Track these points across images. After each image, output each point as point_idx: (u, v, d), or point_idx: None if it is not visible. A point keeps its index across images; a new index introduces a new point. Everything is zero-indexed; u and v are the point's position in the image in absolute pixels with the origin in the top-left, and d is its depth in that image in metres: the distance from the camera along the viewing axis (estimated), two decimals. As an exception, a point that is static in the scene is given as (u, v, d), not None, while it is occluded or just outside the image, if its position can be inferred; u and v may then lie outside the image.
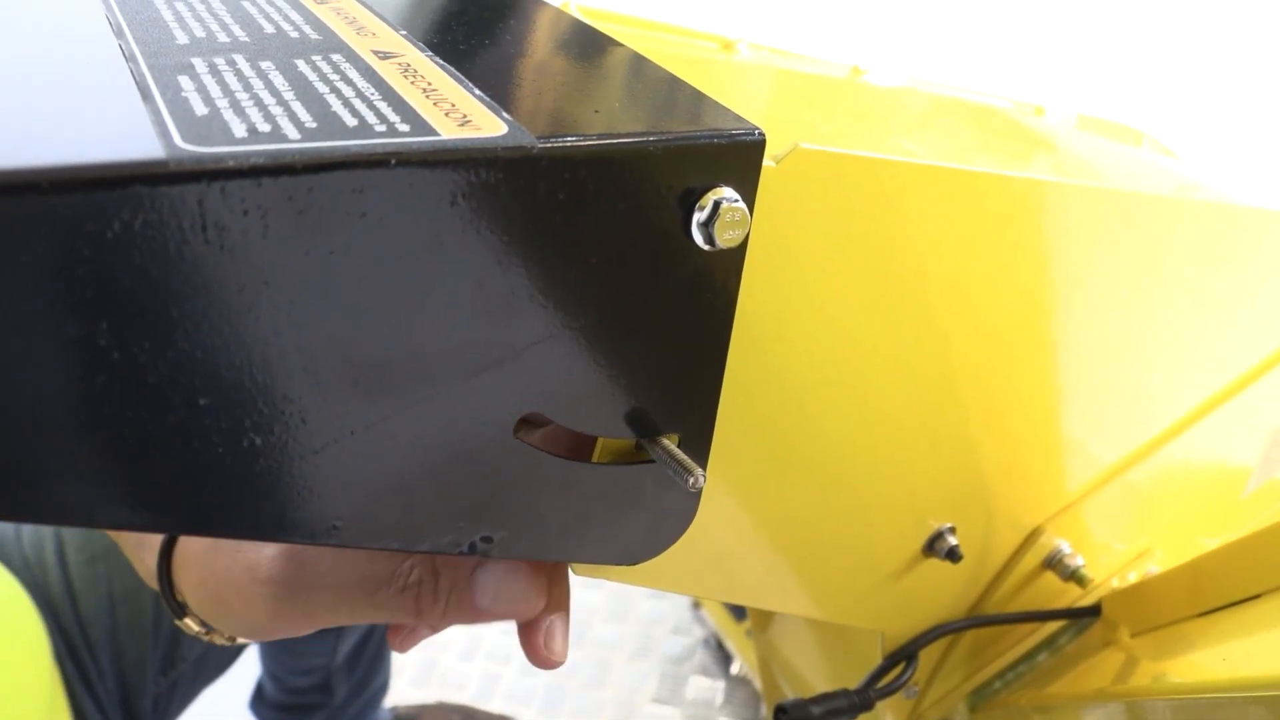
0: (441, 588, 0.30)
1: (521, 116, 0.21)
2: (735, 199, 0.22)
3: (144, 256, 0.17)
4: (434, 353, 0.21)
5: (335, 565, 0.30)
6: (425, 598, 0.30)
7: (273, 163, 0.17)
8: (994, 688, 0.49)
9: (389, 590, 0.30)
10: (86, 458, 0.18)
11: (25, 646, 0.53)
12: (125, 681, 0.60)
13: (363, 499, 0.22)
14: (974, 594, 0.45)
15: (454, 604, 0.30)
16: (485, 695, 1.05)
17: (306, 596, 0.31)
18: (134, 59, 0.21)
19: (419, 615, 0.30)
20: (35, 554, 0.57)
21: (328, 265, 0.19)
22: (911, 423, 0.35)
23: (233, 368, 0.19)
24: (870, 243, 0.28)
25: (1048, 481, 0.43)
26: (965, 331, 0.33)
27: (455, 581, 0.30)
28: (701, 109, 0.24)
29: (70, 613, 0.57)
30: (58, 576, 0.57)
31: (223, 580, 0.32)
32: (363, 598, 0.30)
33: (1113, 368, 0.40)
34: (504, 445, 0.24)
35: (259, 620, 0.32)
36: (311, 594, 0.30)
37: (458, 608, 0.30)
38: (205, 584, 0.33)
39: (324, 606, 0.31)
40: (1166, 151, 0.56)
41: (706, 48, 0.42)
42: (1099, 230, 0.34)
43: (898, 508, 0.38)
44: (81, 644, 0.57)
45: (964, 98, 0.50)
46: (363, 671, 0.90)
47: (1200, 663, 0.36)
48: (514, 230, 0.20)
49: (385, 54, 0.23)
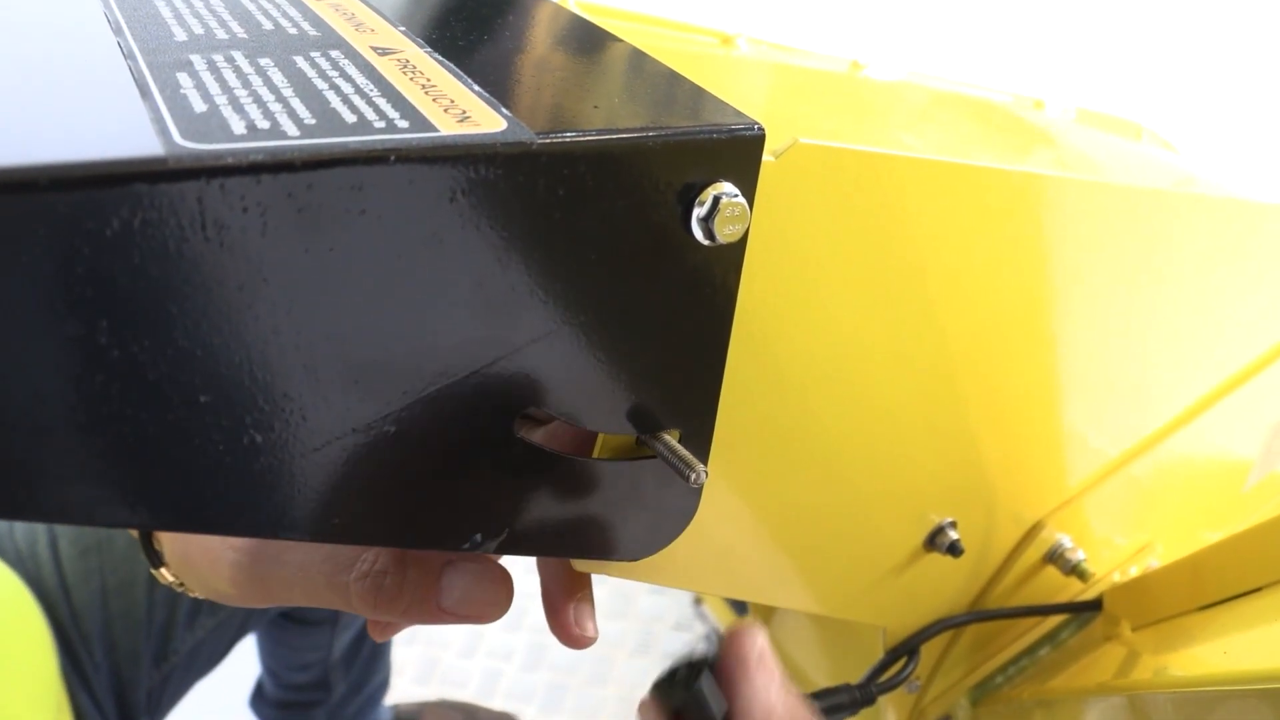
0: (408, 581, 0.29)
1: (521, 112, 0.21)
2: (735, 194, 0.22)
3: (143, 254, 0.17)
4: (434, 350, 0.21)
5: (302, 544, 0.30)
6: (388, 589, 0.29)
7: (272, 160, 0.17)
8: (996, 682, 0.49)
9: (348, 576, 0.29)
10: (87, 457, 0.18)
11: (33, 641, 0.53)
12: (119, 674, 0.60)
13: (363, 497, 0.22)
14: (975, 588, 0.45)
15: (417, 601, 0.29)
16: (486, 693, 1.05)
17: (268, 570, 0.30)
18: (132, 56, 0.21)
19: (376, 607, 0.29)
20: (28, 547, 0.57)
21: (327, 263, 0.19)
22: (912, 417, 0.35)
23: (233, 365, 0.19)
24: (870, 237, 0.28)
25: (1048, 476, 0.43)
26: (965, 326, 0.33)
27: (422, 578, 0.29)
28: (701, 104, 0.24)
29: (64, 605, 0.57)
30: (51, 570, 0.57)
31: (193, 540, 0.32)
32: (321, 580, 0.30)
33: (1113, 361, 0.40)
34: (504, 441, 0.24)
35: (220, 586, 0.32)
36: (273, 568, 0.30)
37: (420, 606, 0.29)
38: (178, 539, 0.33)
39: (282, 583, 0.30)
40: (1166, 145, 0.56)
41: (705, 43, 0.42)
42: (1099, 224, 0.34)
43: (898, 502, 0.38)
44: (75, 637, 0.57)
45: (963, 92, 0.50)
46: (360, 669, 0.90)
47: (1201, 656, 0.36)
48: (514, 226, 0.20)
49: (384, 50, 0.23)
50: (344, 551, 0.30)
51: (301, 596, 0.31)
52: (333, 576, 0.29)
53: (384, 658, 0.93)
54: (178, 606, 0.62)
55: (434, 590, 0.30)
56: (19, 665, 0.50)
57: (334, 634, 0.84)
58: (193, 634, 0.63)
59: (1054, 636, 0.48)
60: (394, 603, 0.29)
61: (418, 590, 0.29)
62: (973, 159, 0.30)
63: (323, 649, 0.85)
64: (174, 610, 0.62)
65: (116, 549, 0.59)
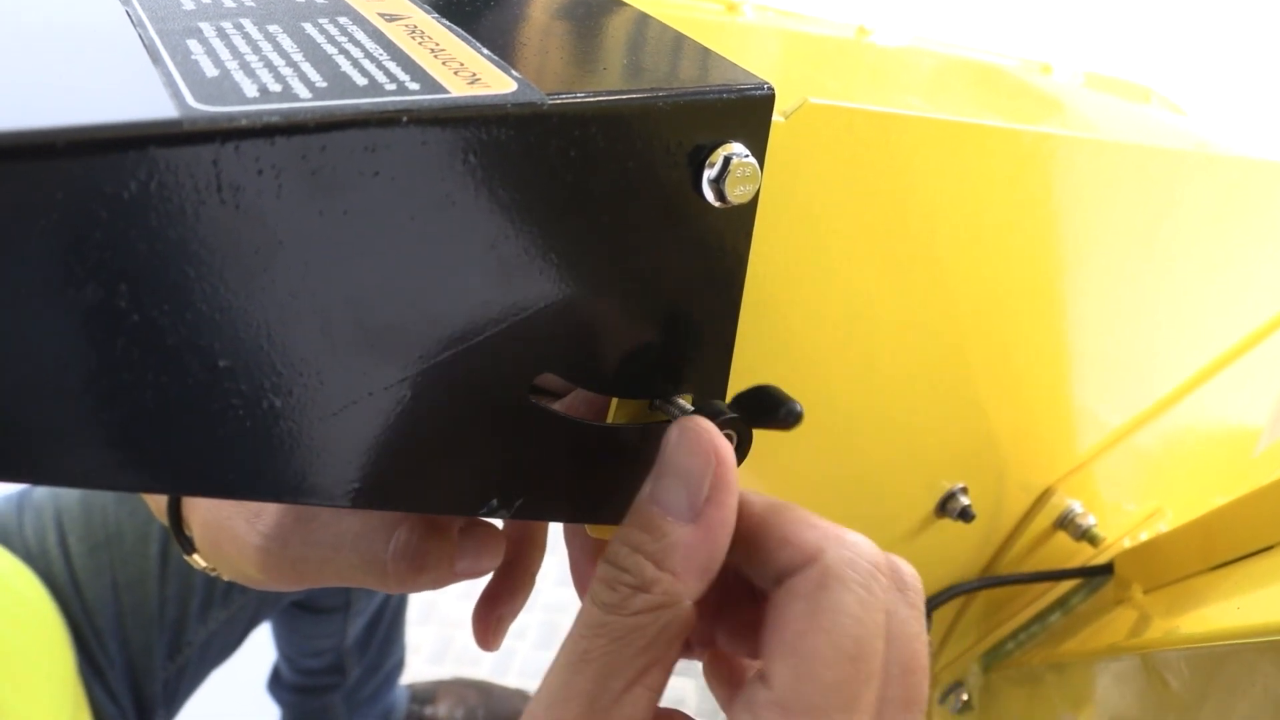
0: (432, 551, 0.30)
1: (530, 75, 0.21)
2: (745, 154, 0.22)
3: (160, 218, 0.17)
4: (448, 313, 0.21)
5: (330, 524, 0.30)
6: (421, 562, 0.30)
7: (286, 121, 0.17)
8: (1007, 648, 0.49)
9: (384, 553, 0.30)
10: (109, 422, 0.18)
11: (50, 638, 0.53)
12: (133, 668, 0.60)
13: (380, 461, 0.22)
14: (987, 555, 0.45)
15: (443, 569, 0.30)
16: (501, 671, 1.06)
17: (298, 552, 0.31)
18: (141, 24, 0.21)
19: (408, 581, 0.30)
20: (38, 544, 0.58)
21: (341, 225, 0.19)
22: (922, 381, 0.35)
23: (250, 329, 0.19)
24: (880, 198, 0.28)
25: (1059, 441, 0.43)
26: (975, 289, 0.33)
27: (443, 547, 0.30)
28: (710, 65, 0.23)
29: (75, 601, 0.57)
30: (61, 566, 0.57)
31: (223, 526, 0.33)
32: (355, 559, 0.30)
33: (1123, 325, 0.40)
34: (519, 406, 0.24)
35: (248, 571, 0.32)
36: (304, 550, 0.31)
37: (444, 573, 0.30)
38: (208, 525, 0.34)
39: (313, 565, 0.31)
40: (1175, 108, 0.55)
41: (711, 9, 0.42)
42: (1109, 185, 0.34)
43: (909, 468, 0.38)
44: (88, 632, 0.58)
45: (971, 57, 0.49)
46: (375, 652, 0.90)
47: (1214, 615, 0.36)
48: (525, 188, 0.20)
49: (391, 16, 0.23)
50: (375, 529, 0.30)
51: (334, 577, 0.31)
52: (367, 555, 0.30)
53: (398, 640, 0.94)
54: (190, 599, 0.62)
55: (451, 555, 0.30)
56: (38, 662, 0.51)
57: (346, 620, 0.85)
58: (206, 626, 0.64)
59: (1065, 602, 0.48)
60: (424, 574, 0.30)
61: (441, 559, 0.30)
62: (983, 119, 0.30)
63: (336, 635, 0.85)
64: (186, 603, 0.62)
65: (126, 544, 0.59)
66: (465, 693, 1.01)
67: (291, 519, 0.31)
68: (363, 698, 0.93)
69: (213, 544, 0.34)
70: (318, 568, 0.31)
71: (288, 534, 0.31)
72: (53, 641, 0.54)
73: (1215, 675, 0.34)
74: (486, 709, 0.99)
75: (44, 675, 0.51)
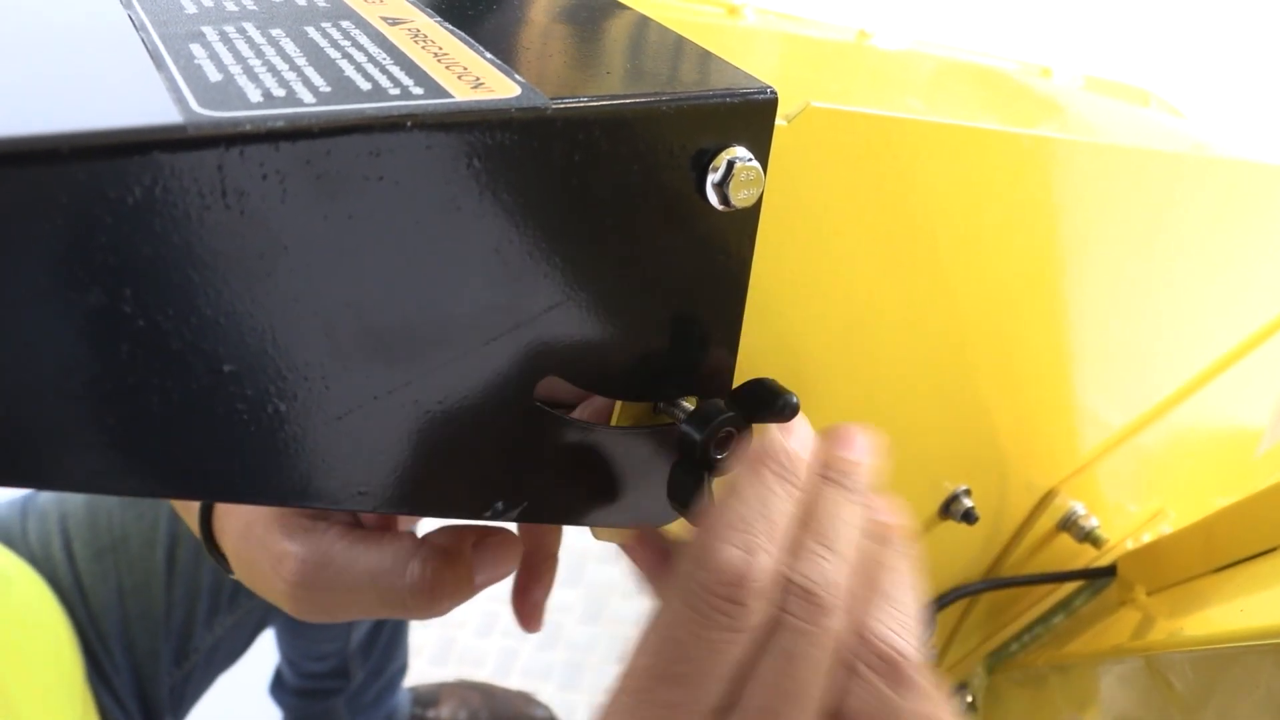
0: (448, 578, 0.31)
1: (533, 79, 0.21)
2: (749, 158, 0.22)
3: (165, 223, 0.17)
4: (453, 317, 0.21)
5: (347, 568, 0.31)
6: (438, 586, 0.31)
7: (290, 126, 0.17)
8: (1011, 650, 0.49)
9: (401, 585, 0.31)
10: (112, 426, 0.18)
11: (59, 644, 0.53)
12: (140, 673, 0.60)
13: (386, 465, 0.22)
14: (990, 556, 0.45)
15: (461, 587, 0.31)
16: (503, 672, 1.06)
17: (324, 597, 0.32)
18: (144, 29, 0.21)
19: (430, 606, 0.31)
20: (42, 549, 0.58)
21: (345, 230, 0.19)
22: (925, 384, 0.35)
23: (255, 334, 0.19)
24: (882, 201, 0.28)
25: (1061, 443, 0.43)
26: (977, 291, 0.33)
27: (458, 571, 0.31)
28: (712, 69, 0.23)
29: (81, 607, 0.57)
30: (66, 571, 0.57)
31: (252, 566, 0.33)
32: (374, 597, 0.31)
33: (1124, 327, 0.40)
34: (524, 409, 0.24)
35: (284, 607, 0.33)
36: (328, 595, 0.32)
37: (463, 590, 0.31)
38: (240, 559, 0.34)
39: (337, 604, 0.32)
40: (1174, 111, 0.55)
41: (712, 13, 0.42)
42: (1109, 187, 0.34)
43: (913, 470, 0.38)
44: (94, 637, 0.58)
45: (971, 60, 0.49)
46: (379, 655, 0.90)
47: (1217, 616, 0.36)
48: (529, 192, 0.20)
49: (394, 20, 0.23)
50: (390, 568, 0.31)
51: (358, 612, 0.32)
52: (386, 592, 0.31)
53: (402, 643, 0.94)
54: (196, 605, 0.62)
55: (467, 576, 0.31)
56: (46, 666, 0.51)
57: (350, 626, 0.84)
58: (212, 632, 0.64)
59: (1068, 603, 0.48)
60: (444, 600, 0.31)
61: (459, 583, 0.31)
62: (983, 123, 0.30)
63: (340, 640, 0.85)
64: (193, 609, 0.62)
65: (132, 549, 0.59)
66: (468, 695, 1.01)
67: (312, 565, 0.31)
68: (366, 701, 0.93)
69: (246, 576, 0.35)
70: (345, 608, 0.32)
71: (310, 580, 0.32)
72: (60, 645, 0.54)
73: (1219, 677, 0.34)
74: (489, 711, 0.99)
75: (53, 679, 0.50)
